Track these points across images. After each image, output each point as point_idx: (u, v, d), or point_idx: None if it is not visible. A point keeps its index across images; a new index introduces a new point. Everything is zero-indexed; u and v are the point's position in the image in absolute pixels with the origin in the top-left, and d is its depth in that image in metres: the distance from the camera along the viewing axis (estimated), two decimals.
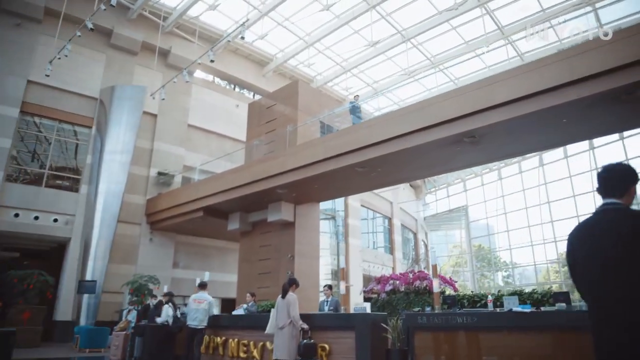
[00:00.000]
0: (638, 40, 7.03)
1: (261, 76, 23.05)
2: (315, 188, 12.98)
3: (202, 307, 8.51)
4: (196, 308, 8.52)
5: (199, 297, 8.64)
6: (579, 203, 26.64)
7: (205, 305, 8.56)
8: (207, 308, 8.60)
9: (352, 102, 14.55)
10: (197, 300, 8.61)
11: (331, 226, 23.09)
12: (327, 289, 7.97)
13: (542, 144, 10.32)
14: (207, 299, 8.67)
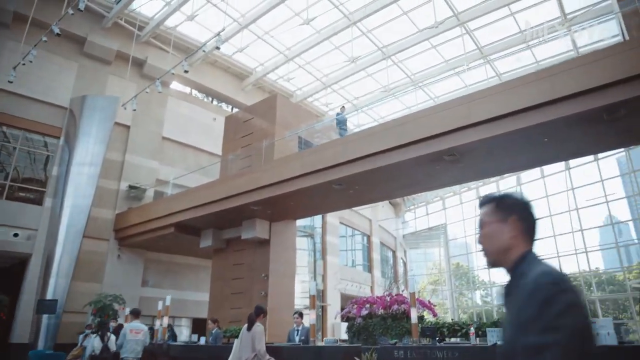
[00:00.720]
0: (620, 60, 6.91)
1: (240, 89, 22.65)
2: (291, 205, 12.55)
3: (140, 338, 7.83)
4: (134, 339, 7.79)
5: (136, 327, 7.93)
6: (556, 223, 26.88)
7: (142, 336, 7.90)
8: (144, 339, 7.96)
9: (338, 114, 14.25)
10: (134, 330, 7.87)
11: (309, 244, 22.61)
12: (298, 317, 7.45)
13: (524, 163, 10.17)
14: (143, 329, 8.01)
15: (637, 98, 6.87)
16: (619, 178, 27.13)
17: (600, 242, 32.26)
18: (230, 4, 17.76)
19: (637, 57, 6.81)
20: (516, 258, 1.45)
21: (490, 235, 1.52)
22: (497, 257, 1.50)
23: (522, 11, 17.72)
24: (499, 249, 1.49)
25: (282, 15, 18.35)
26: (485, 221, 1.55)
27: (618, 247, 26.21)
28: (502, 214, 1.51)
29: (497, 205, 1.54)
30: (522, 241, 1.47)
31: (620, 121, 7.52)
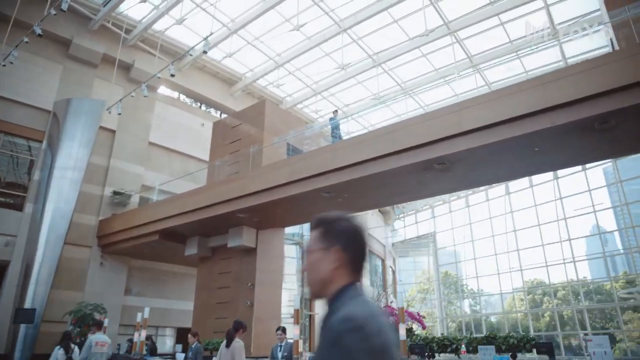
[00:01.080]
0: (610, 70, 6.83)
1: (229, 95, 22.42)
2: (278, 213, 12.30)
3: (105, 351, 7.50)
4: (100, 352, 7.45)
5: (101, 340, 7.61)
6: (544, 232, 26.93)
7: (107, 349, 7.59)
8: (108, 352, 7.66)
9: (331, 119, 14.04)
10: (99, 343, 7.54)
11: (298, 251, 22.32)
12: (281, 333, 7.14)
13: (514, 172, 10.06)
14: (107, 342, 7.71)
15: (627, 109, 6.80)
16: (605, 188, 27.41)
17: (587, 252, 32.46)
18: (220, 8, 17.60)
19: (627, 67, 6.74)
20: (335, 292, 1.30)
21: (313, 264, 1.37)
22: (318, 289, 1.35)
23: (512, 21, 17.78)
24: (320, 280, 1.34)
25: (272, 21, 18.21)
26: (310, 248, 1.39)
27: (605, 257, 26.34)
28: (327, 242, 1.35)
29: (324, 232, 1.38)
30: (344, 274, 1.33)
31: (611, 131, 7.44)
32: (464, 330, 30.83)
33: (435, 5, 17.08)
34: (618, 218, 34.95)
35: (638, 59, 6.69)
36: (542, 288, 31.71)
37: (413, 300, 37.74)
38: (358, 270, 1.36)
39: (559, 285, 28.62)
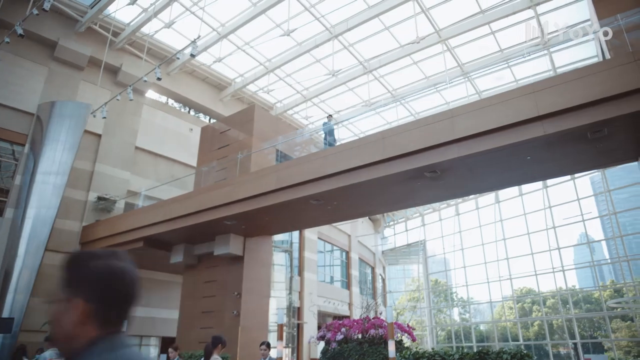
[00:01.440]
0: (604, 78, 6.73)
1: (218, 100, 22.17)
2: (266, 220, 12.04)
3: None
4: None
5: (55, 356, 7.22)
6: (533, 241, 26.97)
7: None
8: None
9: (325, 123, 13.75)
10: None
11: (287, 259, 22.04)
12: (265, 348, 6.84)
13: (506, 181, 9.94)
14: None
15: (620, 117, 6.70)
16: (592, 197, 27.62)
17: (574, 261, 32.60)
18: (210, 12, 17.41)
19: (619, 76, 6.65)
20: (80, 349, 1.08)
21: (54, 317, 1.13)
22: (64, 346, 1.12)
23: (502, 30, 17.83)
24: (64, 336, 1.11)
25: (262, 26, 18.05)
26: (54, 297, 1.15)
27: (594, 266, 26.45)
28: (68, 291, 1.12)
29: (67, 278, 1.15)
30: (92, 329, 1.10)
31: (604, 140, 7.34)
32: (453, 339, 30.68)
33: (426, 13, 17.06)
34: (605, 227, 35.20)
35: (630, 68, 6.60)
36: (531, 297, 31.75)
37: (403, 309, 37.58)
38: (115, 321, 1.14)
39: (548, 293, 28.67)
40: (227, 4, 17.19)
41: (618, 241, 24.29)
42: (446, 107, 20.94)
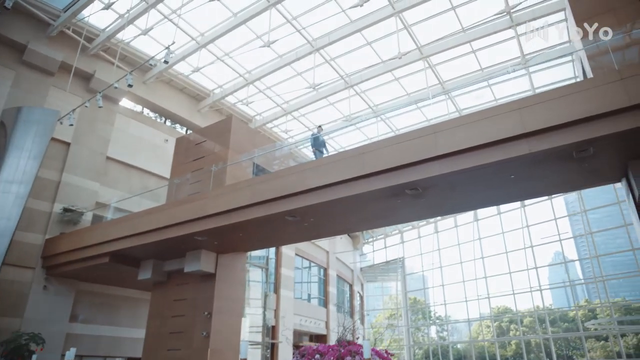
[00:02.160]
0: (590, 96, 6.54)
1: (196, 111, 21.62)
2: (240, 237, 11.49)
3: None
4: None
5: None
6: (511, 260, 26.95)
7: None
8: None
9: (314, 134, 13.09)
10: None
11: (263, 276, 21.39)
12: None
13: (488, 200, 9.68)
14: None
15: (606, 137, 6.51)
16: (567, 216, 27.92)
17: (549, 279, 32.75)
18: (189, 21, 16.99)
19: (606, 94, 6.47)
20: None
21: None
22: None
23: (483, 49, 17.90)
24: None
25: (243, 37, 17.71)
26: None
27: (572, 286, 26.54)
28: None
29: None
30: None
31: (589, 160, 7.14)
32: (431, 358, 30.23)
33: (408, 30, 17.00)
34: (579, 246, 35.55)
35: (616, 86, 6.42)
36: (509, 315, 31.64)
37: (380, 327, 37.04)
38: None
39: (526, 312, 28.60)
40: (206, 14, 16.80)
41: (594, 261, 24.48)
42: (427, 124, 20.87)
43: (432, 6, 16.08)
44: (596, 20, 8.58)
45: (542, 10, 15.84)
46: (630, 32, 7.44)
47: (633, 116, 6.27)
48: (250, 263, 18.87)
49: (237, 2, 16.36)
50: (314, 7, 16.37)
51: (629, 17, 8.32)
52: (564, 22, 16.41)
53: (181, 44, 18.06)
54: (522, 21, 16.12)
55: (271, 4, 15.79)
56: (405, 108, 21.51)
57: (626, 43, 7.39)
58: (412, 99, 20.88)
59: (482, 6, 16.07)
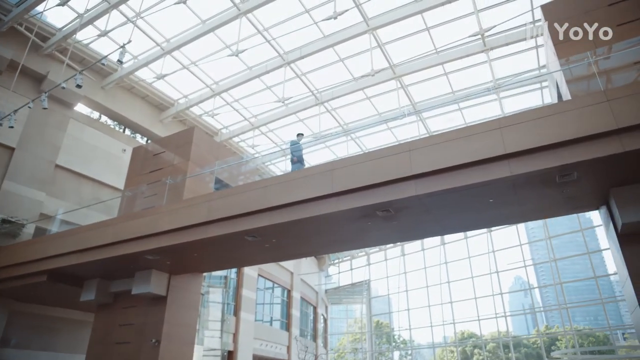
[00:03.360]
0: (576, 117, 6.12)
1: (158, 121, 20.53)
2: (195, 257, 10.51)
3: None
4: None
5: None
6: (477, 285, 26.76)
7: None
8: None
9: (292, 142, 11.94)
10: None
11: (225, 295, 20.20)
12: None
13: (463, 225, 9.16)
14: None
15: (590, 162, 6.09)
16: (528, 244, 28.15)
17: (510, 305, 32.89)
18: (154, 25, 16.12)
19: (592, 116, 6.08)
20: None
21: None
22: None
23: (456, 72, 17.81)
24: None
25: (211, 45, 16.95)
26: None
27: (535, 312, 26.53)
28: None
29: None
30: None
31: (571, 186, 6.71)
32: None
33: (382, 48, 16.70)
34: (538, 273, 35.87)
35: (602, 108, 6.04)
36: (473, 340, 31.40)
37: (343, 351, 36.06)
38: None
39: (489, 338, 28.40)
40: (173, 19, 16.00)
41: (557, 288, 24.56)
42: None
43: (406, 25, 15.87)
44: (574, 44, 8.36)
45: (514, 36, 15.87)
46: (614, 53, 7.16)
47: (619, 140, 5.88)
48: (207, 285, 17.72)
49: (207, 9, 15.66)
50: (286, 19, 15.85)
51: (607, 42, 8.13)
52: (534, 50, 16.55)
53: (145, 49, 17.13)
54: (494, 46, 16.10)
55: (242, 13, 15.17)
56: (376, 127, 21.17)
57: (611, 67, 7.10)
58: (383, 119, 20.54)
59: (456, 28, 15.98)
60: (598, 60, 7.10)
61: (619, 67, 7.28)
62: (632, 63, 7.13)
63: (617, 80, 7.18)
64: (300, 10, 15.47)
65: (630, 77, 7.20)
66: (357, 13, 15.39)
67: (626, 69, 7.24)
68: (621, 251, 6.88)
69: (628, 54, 7.23)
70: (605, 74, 7.11)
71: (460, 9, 15.22)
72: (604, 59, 7.26)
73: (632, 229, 6.66)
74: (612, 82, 7.13)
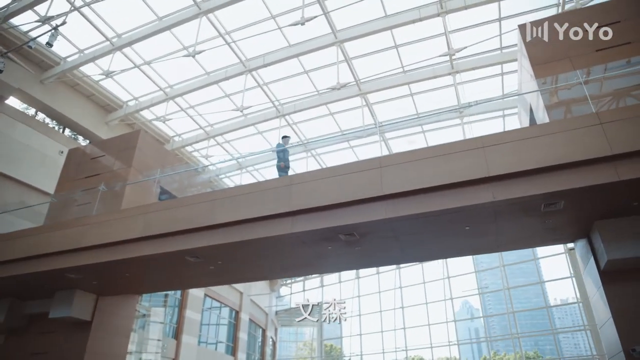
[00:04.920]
0: (566, 140, 5.49)
1: (104, 123, 18.85)
2: (127, 277, 9.12)
3: None
4: None
5: None
6: (431, 311, 26.28)
7: None
8: None
9: (279, 145, 10.74)
10: None
11: (169, 314, 18.52)
12: None
13: (433, 253, 8.40)
14: None
15: (580, 190, 5.46)
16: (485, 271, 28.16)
17: (457, 332, 32.72)
18: (103, 17, 14.73)
19: (583, 139, 5.48)
20: None
21: None
22: None
23: (421, 94, 17.46)
24: None
25: (167, 45, 15.71)
26: None
27: (488, 341, 26.29)
28: None
29: None
30: None
31: (554, 215, 6.06)
32: None
33: (349, 62, 16.08)
34: (485, 301, 36.04)
35: (595, 132, 5.46)
36: None
37: None
38: None
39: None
40: (127, 12, 14.69)
41: (509, 316, 24.50)
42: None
43: (375, 41, 15.35)
44: (554, 66, 7.92)
45: (482, 61, 15.73)
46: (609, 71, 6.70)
47: (614, 168, 5.28)
48: (145, 306, 16.10)
49: (164, 5, 14.49)
50: (250, 24, 14.93)
51: (584, 63, 7.76)
52: (500, 77, 16.50)
53: (92, 42, 15.66)
54: (462, 69, 15.87)
55: (202, 12, 14.11)
56: (339, 145, 20.44)
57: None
58: (345, 137, 19.88)
59: (425, 48, 15.63)
60: (588, 81, 6.61)
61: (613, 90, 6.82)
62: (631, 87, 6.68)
63: (606, 103, 6.71)
64: (266, 16, 14.62)
65: (623, 100, 6.75)
66: (325, 24, 14.72)
67: (621, 91, 6.79)
68: (603, 290, 6.28)
69: (621, 76, 6.78)
70: (596, 96, 6.62)
71: (430, 28, 14.91)
72: (601, 78, 6.79)
73: (616, 266, 6.08)
74: (601, 105, 6.65)
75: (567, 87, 6.71)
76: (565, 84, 6.81)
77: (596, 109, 6.17)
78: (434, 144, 19.24)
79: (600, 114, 5.58)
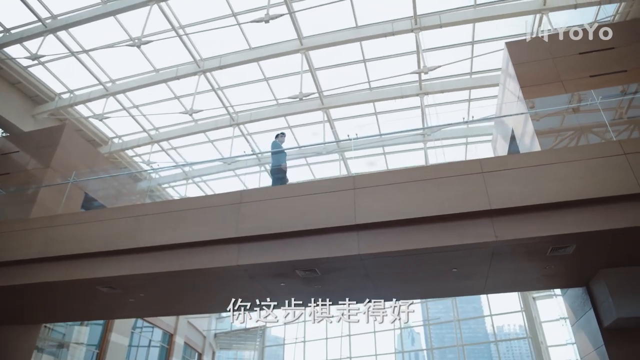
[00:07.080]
0: (584, 171, 4.48)
1: (30, 116, 16.47)
2: (21, 304, 7.21)
3: None
4: None
5: None
6: (379, 340, 25.30)
7: None
8: None
9: (274, 144, 9.43)
10: None
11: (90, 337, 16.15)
12: None
13: (407, 294, 7.08)
14: None
15: (598, 233, 4.43)
16: None
17: None
18: None
19: (604, 171, 4.50)
20: None
21: None
22: None
23: (387, 113, 16.62)
24: None
25: (110, 33, 13.88)
26: None
27: None
28: None
29: None
30: None
31: (560, 261, 5.03)
32: None
33: (313, 73, 14.93)
34: (414, 336, 35.65)
35: (619, 163, 4.49)
36: None
37: None
38: None
39: None
40: None
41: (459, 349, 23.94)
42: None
43: (343, 52, 14.34)
44: (545, 88, 7.11)
45: (451, 84, 15.13)
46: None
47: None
48: (45, 338, 13.80)
49: None
50: (209, 20, 13.46)
51: (577, 88, 7.03)
52: (467, 102, 15.98)
53: (21, 22, 13.56)
54: (430, 91, 15.17)
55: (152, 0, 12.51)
56: (295, 161, 19.10)
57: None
58: (303, 152, 18.61)
59: (393, 66, 14.81)
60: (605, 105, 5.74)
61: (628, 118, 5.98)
62: None
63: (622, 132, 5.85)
64: (227, 13, 13.23)
65: None
66: (291, 29, 13.53)
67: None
68: (605, 350, 5.28)
69: None
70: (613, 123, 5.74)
71: (402, 45, 14.12)
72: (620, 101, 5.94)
73: (624, 324, 5.10)
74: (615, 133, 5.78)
75: (576, 109, 5.81)
76: (578, 104, 5.91)
77: (616, 136, 5.27)
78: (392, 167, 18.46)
79: (623, 142, 4.62)
